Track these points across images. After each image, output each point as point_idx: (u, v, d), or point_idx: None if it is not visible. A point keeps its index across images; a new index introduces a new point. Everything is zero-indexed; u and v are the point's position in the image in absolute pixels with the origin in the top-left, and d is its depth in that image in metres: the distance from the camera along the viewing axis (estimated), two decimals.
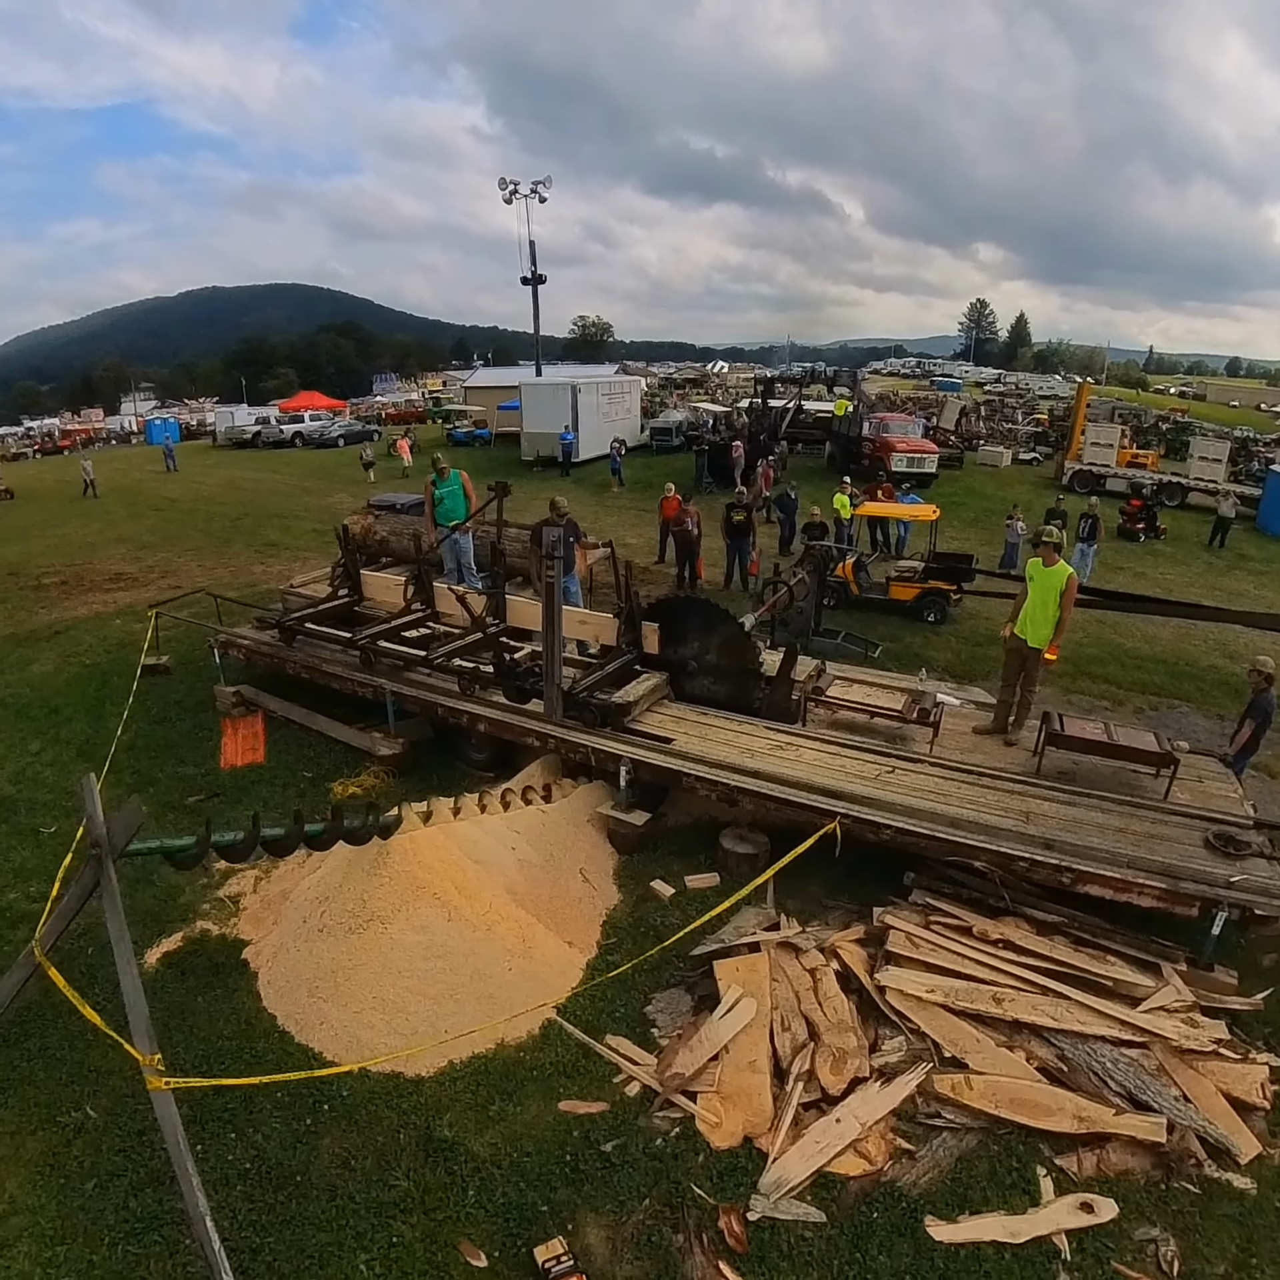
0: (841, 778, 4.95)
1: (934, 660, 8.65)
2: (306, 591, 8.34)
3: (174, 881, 4.87)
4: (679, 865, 4.99)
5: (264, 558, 13.08)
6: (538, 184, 28.76)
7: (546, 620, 5.45)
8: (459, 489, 8.04)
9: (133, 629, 8.91)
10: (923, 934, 4.14)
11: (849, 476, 13.65)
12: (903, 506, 12.08)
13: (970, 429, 28.39)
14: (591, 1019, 3.89)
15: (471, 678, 5.97)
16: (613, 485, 20.19)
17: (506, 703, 5.89)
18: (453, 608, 6.87)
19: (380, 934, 3.91)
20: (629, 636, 5.96)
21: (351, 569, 7.56)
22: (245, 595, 10.06)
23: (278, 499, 18.95)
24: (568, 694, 5.46)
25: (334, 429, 31.48)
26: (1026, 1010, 3.76)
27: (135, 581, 11.73)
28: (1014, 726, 5.71)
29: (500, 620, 6.67)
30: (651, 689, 5.75)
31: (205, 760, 6.32)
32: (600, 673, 5.72)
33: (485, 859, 4.41)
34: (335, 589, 7.62)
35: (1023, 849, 4.35)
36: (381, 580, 7.60)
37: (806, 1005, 3.80)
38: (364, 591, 7.56)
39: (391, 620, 6.92)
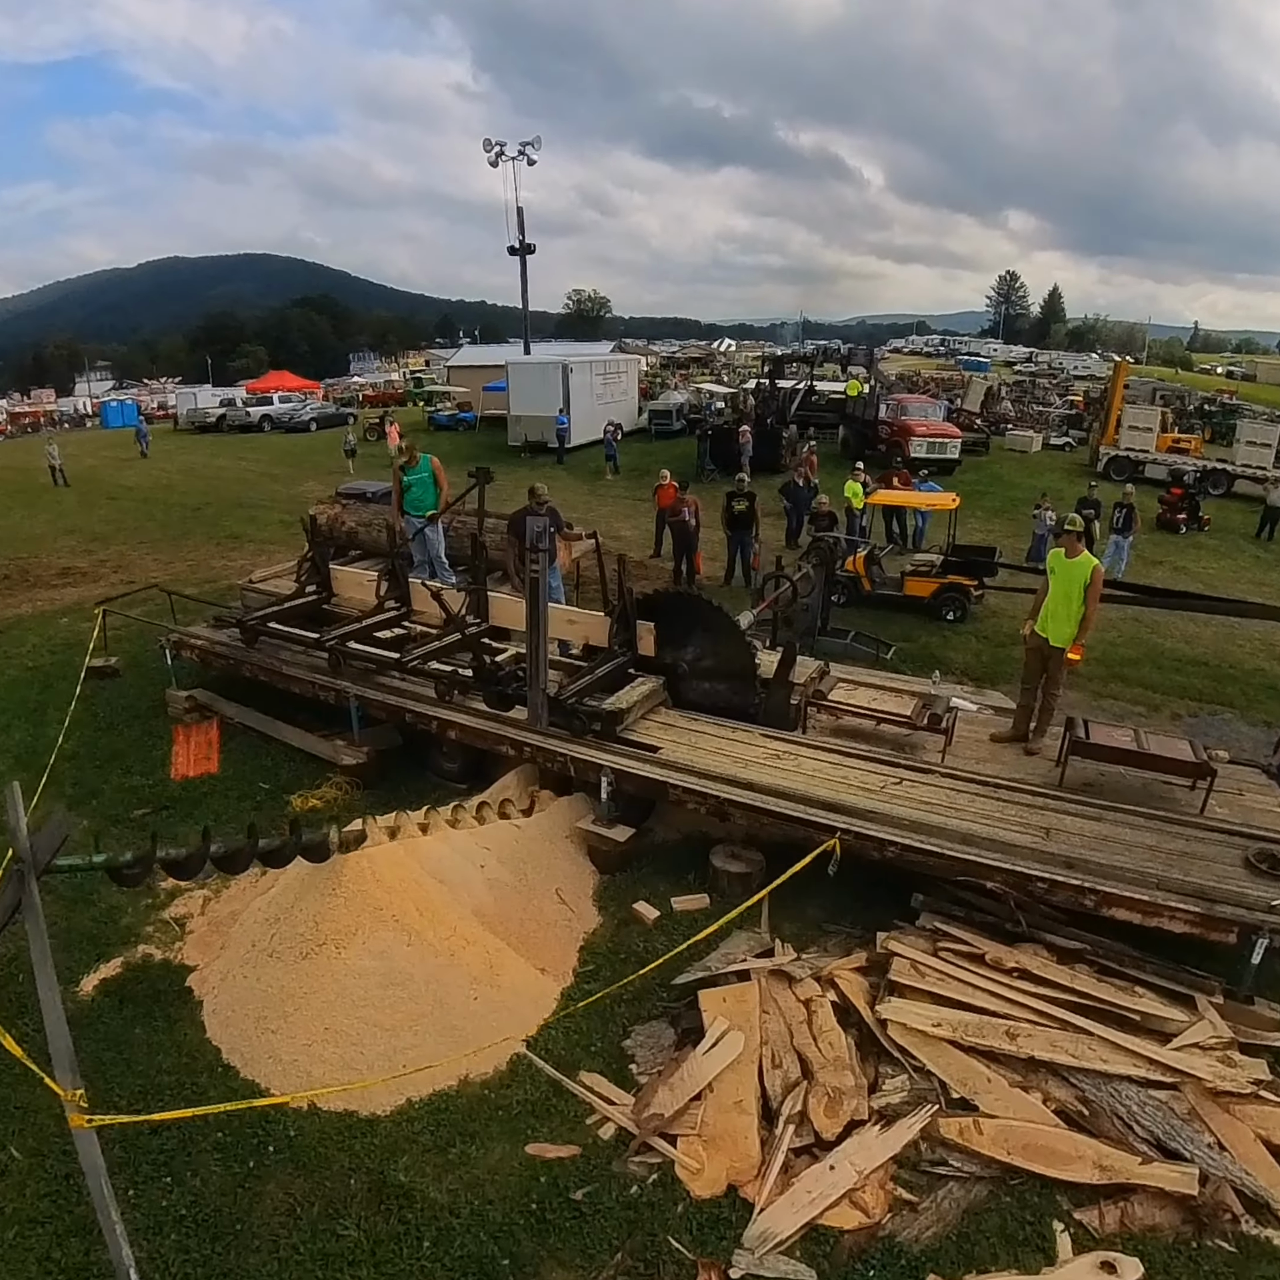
0: (843, 790, 4.92)
1: (952, 662, 8.61)
2: (267, 587, 8.32)
3: (116, 902, 4.85)
4: (665, 885, 4.97)
5: (226, 551, 13.08)
6: (526, 145, 28.86)
7: (531, 620, 5.41)
8: (428, 475, 8.01)
9: (80, 628, 8.91)
10: (930, 962, 4.10)
11: (862, 462, 13.61)
12: (919, 494, 12.05)
13: (997, 412, 28.37)
14: (564, 1054, 3.85)
15: (449, 682, 5.94)
16: (606, 472, 20.20)
17: (481, 709, 5.87)
18: (430, 606, 6.85)
19: (334, 959, 3.89)
20: (622, 637, 5.92)
21: (320, 563, 7.54)
22: (204, 592, 10.06)
23: (242, 487, 18.99)
24: (554, 700, 5.42)
25: (306, 412, 31.52)
26: (1044, 1047, 3.73)
27: (85, 576, 11.74)
28: (1035, 734, 5.68)
29: (481, 619, 6.63)
30: (646, 695, 5.71)
31: (154, 770, 6.31)
32: (590, 677, 5.68)
33: (451, 878, 4.38)
34: (302, 585, 7.59)
35: (1041, 868, 4.32)
36: (352, 576, 7.58)
37: (800, 1040, 3.76)
38: (334, 588, 7.53)
39: (363, 619, 6.90)
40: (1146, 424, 20.50)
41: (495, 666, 5.91)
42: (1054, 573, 5.50)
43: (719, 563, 11.69)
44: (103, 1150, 2.89)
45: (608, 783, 5.09)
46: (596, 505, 16.64)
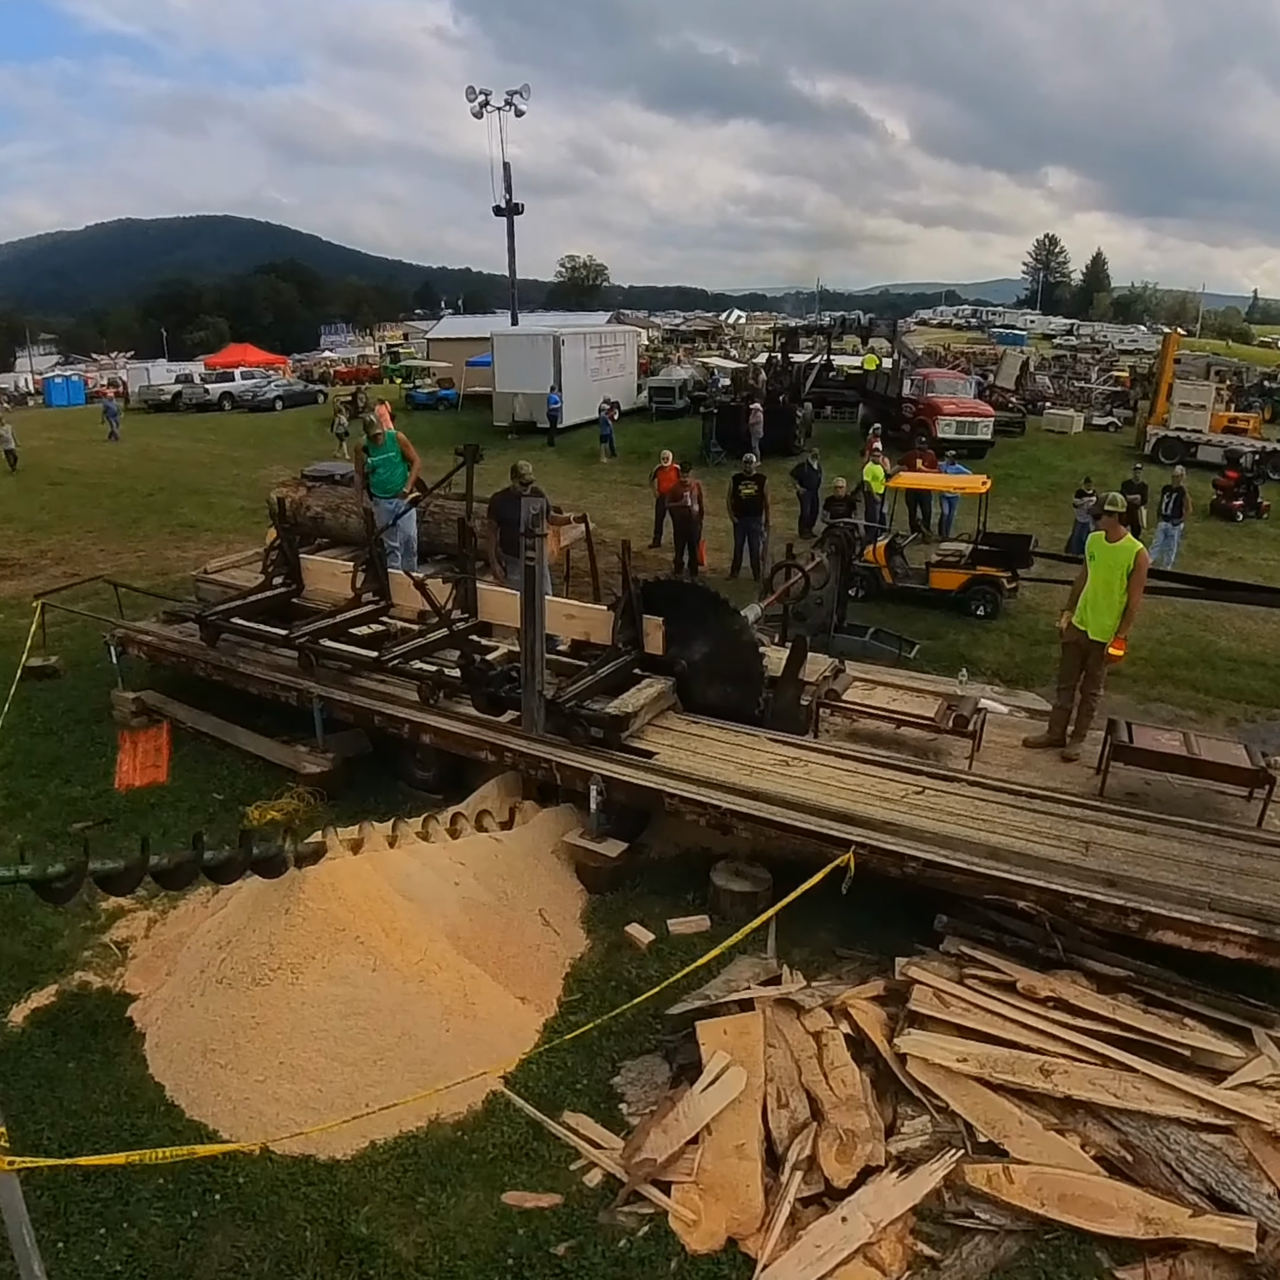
0: (859, 799, 4.90)
1: (982, 661, 8.61)
2: (224, 578, 8.31)
3: (51, 924, 4.84)
4: (661, 906, 4.94)
5: (180, 541, 13.12)
6: (513, 95, 28.97)
7: (526, 614, 5.37)
8: (396, 455, 8.00)
9: (16, 624, 8.90)
10: (955, 990, 4.08)
11: (880, 443, 13.61)
12: (945, 477, 12.05)
13: (1034, 388, 28.40)
14: (546, 1091, 3.83)
15: (434, 683, 5.90)
16: (602, 455, 20.23)
17: (459, 711, 5.84)
18: (412, 599, 6.82)
19: (290, 986, 3.86)
20: (627, 634, 5.87)
21: (289, 552, 7.50)
22: (156, 585, 10.06)
23: (200, 472, 19.03)
24: (551, 704, 5.39)
25: (271, 389, 31.64)
26: (1082, 1085, 3.69)
27: (23, 568, 11.75)
28: (1073, 738, 5.67)
29: (469, 614, 6.59)
30: (654, 698, 5.67)
31: (97, 780, 6.29)
32: (592, 678, 5.64)
33: (422, 896, 4.36)
34: (269, 576, 7.55)
35: (1079, 886, 4.29)
36: (325, 566, 7.55)
37: (809, 1076, 3.73)
38: (304, 579, 7.49)
39: (337, 615, 6.87)
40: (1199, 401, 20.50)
41: (486, 666, 5.87)
42: (1093, 559, 5.49)
43: (725, 553, 11.69)
44: (28, 1197, 2.85)
45: (597, 792, 5.07)
46: (590, 490, 16.65)
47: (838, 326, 25.53)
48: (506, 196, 29.49)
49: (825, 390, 22.87)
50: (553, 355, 21.94)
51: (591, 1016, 4.07)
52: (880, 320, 26.91)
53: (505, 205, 29.65)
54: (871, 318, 27.81)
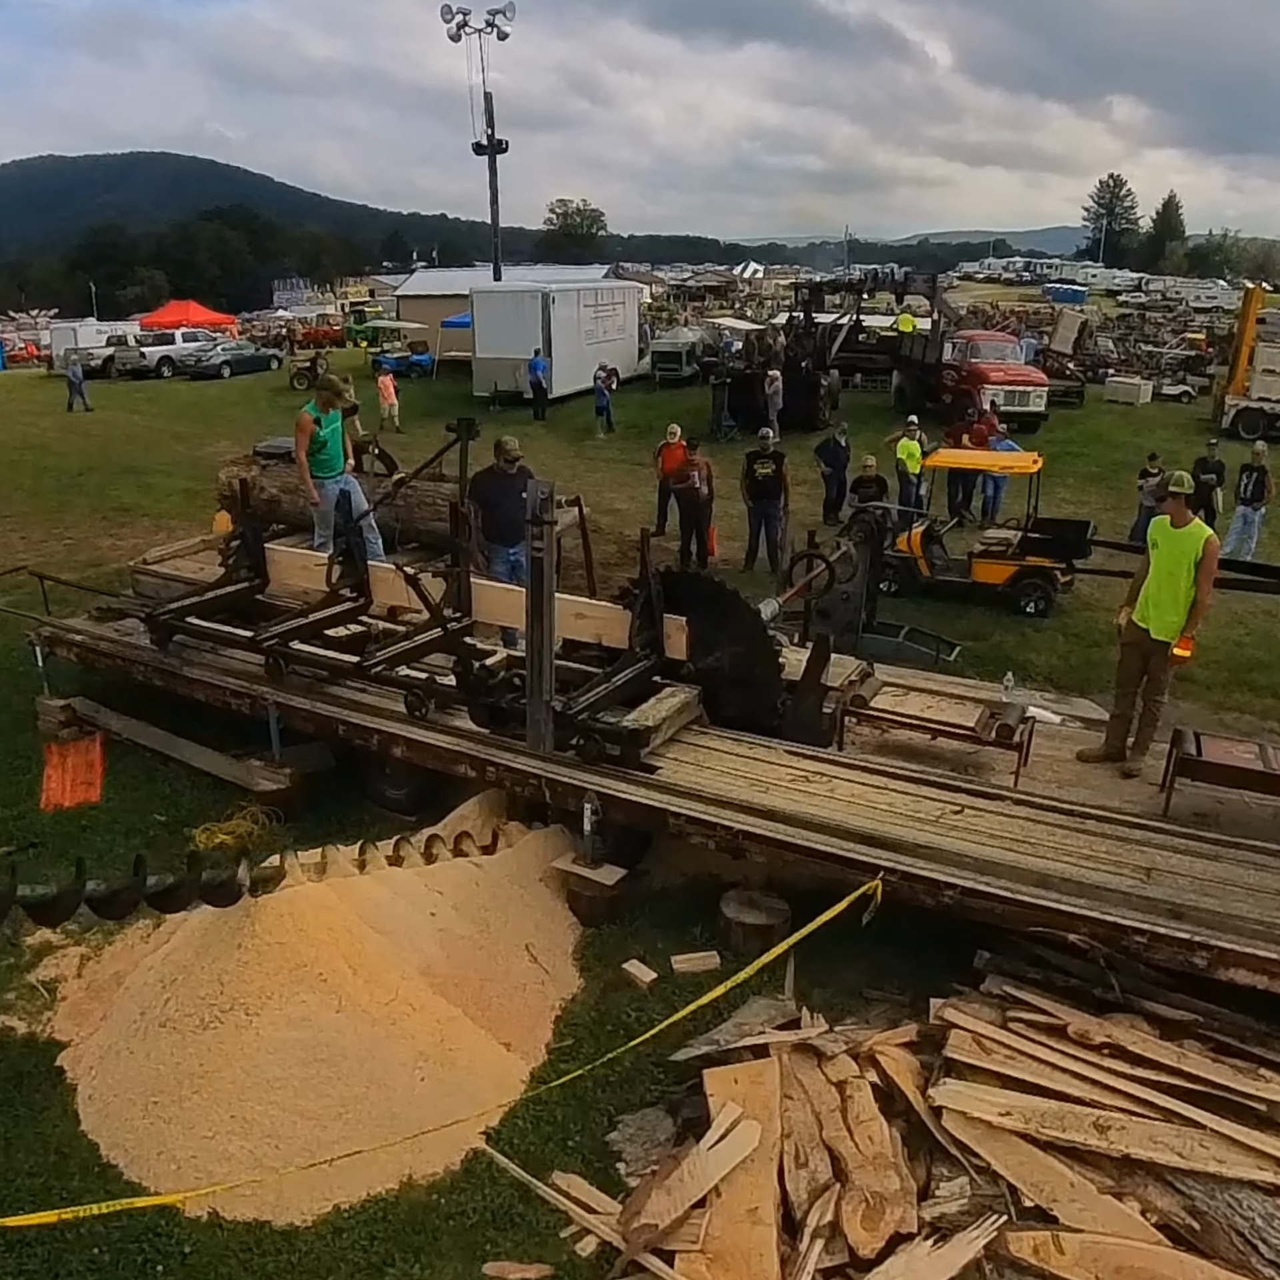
0: (889, 820, 4.96)
1: (1032, 665, 8.68)
2: (165, 570, 8.40)
3: None
4: (665, 941, 5.01)
5: (114, 527, 13.22)
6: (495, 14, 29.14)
7: (532, 613, 5.39)
8: (340, 426, 8.10)
9: None
10: (998, 1035, 4.14)
11: (916, 416, 13.71)
12: (990, 455, 12.13)
13: (1095, 352, 28.51)
14: (534, 1149, 3.88)
15: (424, 692, 5.94)
16: (598, 430, 20.33)
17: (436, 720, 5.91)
18: (394, 595, 6.88)
19: (243, 1029, 3.92)
20: (645, 636, 5.90)
21: (253, 542, 7.55)
22: (86, 577, 10.17)
23: (136, 448, 19.14)
24: (561, 716, 5.43)
25: (217, 353, 31.78)
26: (1142, 1143, 3.75)
27: None
28: (1134, 750, 5.73)
29: (463, 613, 6.65)
30: (678, 709, 5.70)
31: (20, 799, 6.37)
32: (606, 686, 5.67)
33: (393, 928, 4.42)
34: (230, 569, 7.62)
35: (1140, 918, 4.34)
36: (295, 559, 7.62)
37: (831, 1132, 3.78)
38: (271, 573, 7.56)
39: (309, 614, 6.92)
40: None
41: (485, 673, 5.89)
42: (1156, 547, 5.54)
43: (738, 542, 11.78)
44: None
45: (592, 811, 5.13)
46: (584, 471, 16.76)
47: (868, 282, 25.61)
48: (488, 132, 29.62)
49: (854, 355, 22.98)
50: (541, 315, 22.08)
51: (585, 1064, 4.14)
52: (917, 274, 26.94)
53: (486, 142, 29.78)
54: (907, 271, 27.86)
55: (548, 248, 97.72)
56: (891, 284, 25.69)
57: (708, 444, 15.09)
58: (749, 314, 41.29)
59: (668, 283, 60.38)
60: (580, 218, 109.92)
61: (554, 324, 22.21)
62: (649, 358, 25.87)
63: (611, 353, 23.91)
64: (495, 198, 30.08)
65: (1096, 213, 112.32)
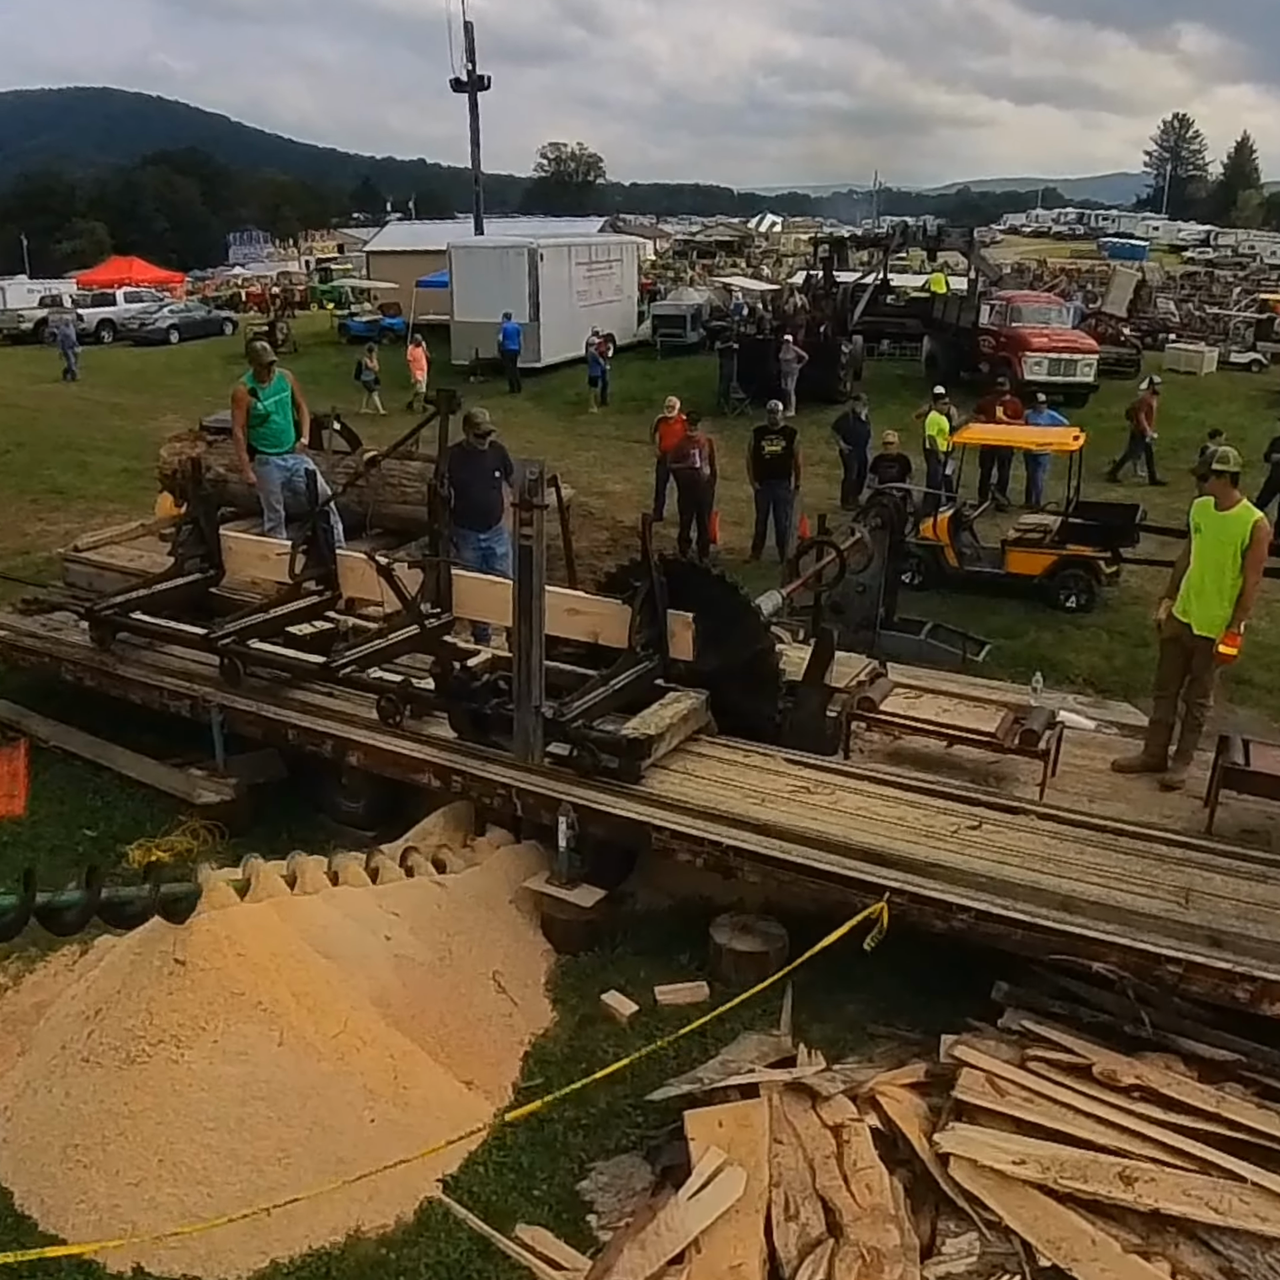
0: (897, 835, 4.99)
1: (1071, 666, 8.72)
2: (98, 558, 8.45)
3: None
4: (648, 970, 5.04)
5: (45, 510, 13.27)
6: None
7: (521, 609, 5.38)
8: (288, 395, 8.12)
9: None
10: (1014, 1075, 4.16)
11: (942, 387, 13.74)
12: (1024, 431, 12.15)
13: (1154, 315, 28.50)
14: (496, 1199, 3.91)
15: (399, 697, 5.96)
16: (591, 403, 20.40)
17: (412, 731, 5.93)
18: (365, 588, 6.91)
19: (173, 1064, 3.95)
20: (647, 634, 5.90)
21: (207, 529, 7.60)
22: (12, 567, 10.23)
23: (71, 422, 19.22)
24: (551, 723, 5.45)
25: (164, 316, 31.93)
26: (1174, 1196, 3.77)
27: None
28: (1176, 760, 5.75)
29: (442, 608, 6.68)
30: (683, 716, 5.70)
31: None
32: (603, 689, 5.68)
33: (343, 953, 4.45)
34: (180, 559, 7.66)
35: (1176, 946, 4.36)
36: (254, 547, 7.67)
37: (825, 1180, 3.81)
38: (227, 564, 7.60)
39: (270, 609, 6.95)
40: None
41: (468, 675, 5.92)
42: (1199, 531, 5.56)
43: (745, 529, 11.82)
44: None
45: (567, 825, 5.17)
46: (575, 449, 16.82)
47: (897, 236, 25.66)
48: (469, 66, 29.72)
49: (880, 319, 23.01)
50: (528, 273, 22.15)
51: (556, 1105, 4.17)
52: (952, 228, 27.01)
53: (466, 77, 29.85)
54: (940, 224, 27.99)
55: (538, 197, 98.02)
56: (923, 239, 25.77)
57: (715, 419, 15.18)
58: (765, 272, 41.33)
59: (674, 237, 60.47)
60: (575, 164, 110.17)
61: (542, 283, 22.29)
62: (649, 322, 25.92)
63: (607, 316, 23.99)
64: (476, 140, 30.19)
65: (1159, 158, 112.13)
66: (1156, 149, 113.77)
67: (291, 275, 47.69)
